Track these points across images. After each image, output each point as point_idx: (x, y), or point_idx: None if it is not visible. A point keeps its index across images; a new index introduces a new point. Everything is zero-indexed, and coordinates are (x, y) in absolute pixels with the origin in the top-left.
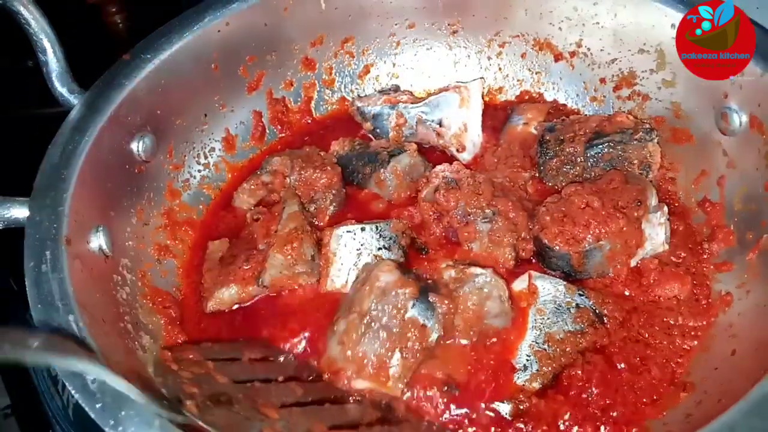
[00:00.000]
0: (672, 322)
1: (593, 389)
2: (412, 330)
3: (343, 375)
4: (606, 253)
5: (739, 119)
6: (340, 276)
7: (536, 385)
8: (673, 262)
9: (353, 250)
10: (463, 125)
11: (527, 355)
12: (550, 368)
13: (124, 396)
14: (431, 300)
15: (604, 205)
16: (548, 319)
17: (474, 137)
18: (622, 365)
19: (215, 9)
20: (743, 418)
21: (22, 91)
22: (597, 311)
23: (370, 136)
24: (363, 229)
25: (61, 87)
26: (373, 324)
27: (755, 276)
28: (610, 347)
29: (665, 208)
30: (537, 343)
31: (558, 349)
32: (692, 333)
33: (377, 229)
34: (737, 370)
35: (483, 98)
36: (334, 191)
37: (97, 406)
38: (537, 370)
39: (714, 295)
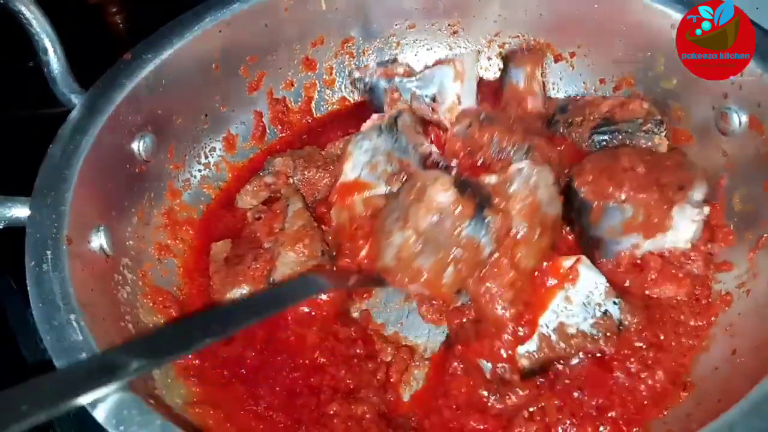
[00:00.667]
0: (677, 319)
1: (582, 390)
2: (467, 247)
3: (398, 280)
4: (626, 218)
5: (738, 119)
6: (354, 171)
7: (524, 363)
8: (678, 263)
9: (369, 149)
10: (456, 98)
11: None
12: (543, 354)
13: (125, 395)
14: (485, 217)
15: (647, 174)
16: (571, 310)
17: (469, 92)
18: (620, 374)
19: (216, 9)
20: (743, 417)
21: (23, 91)
22: (621, 324)
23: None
24: (379, 135)
25: (62, 87)
26: (428, 242)
27: (755, 276)
28: (615, 356)
29: (706, 210)
30: (546, 325)
31: (561, 342)
32: (692, 333)
33: (393, 135)
34: (737, 369)
35: (478, 70)
36: None
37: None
38: (533, 350)
39: (714, 294)
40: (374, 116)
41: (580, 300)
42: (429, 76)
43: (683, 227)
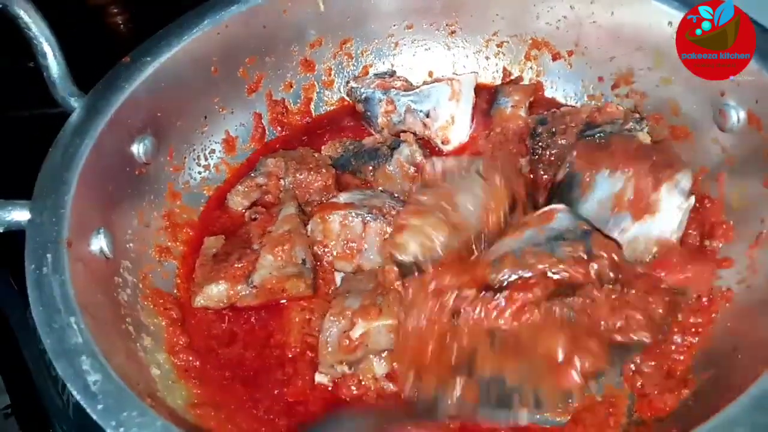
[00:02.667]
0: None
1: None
2: None
3: None
4: (616, 190)
5: (737, 116)
6: (347, 200)
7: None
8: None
9: (370, 196)
10: (450, 118)
11: (496, 255)
12: (504, 265)
13: (126, 397)
14: None
15: (638, 151)
16: (538, 239)
17: (460, 131)
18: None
19: (214, 11)
20: (745, 413)
21: (23, 92)
22: (590, 252)
23: (368, 128)
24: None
25: (62, 90)
26: None
27: (755, 272)
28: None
29: (692, 200)
30: (510, 246)
31: (524, 260)
32: (692, 329)
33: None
34: (738, 365)
35: (475, 93)
36: (327, 194)
37: (99, 407)
38: (494, 260)
39: (714, 291)
40: (377, 137)
41: (551, 234)
42: (425, 93)
43: (669, 214)
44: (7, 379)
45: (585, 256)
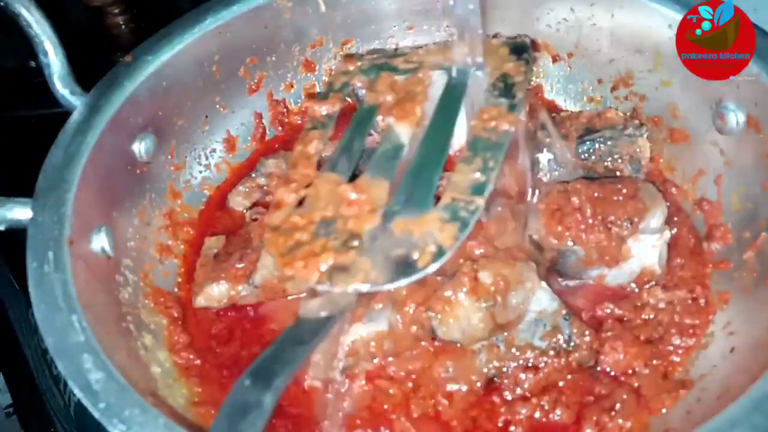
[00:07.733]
0: (671, 321)
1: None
2: None
3: None
4: (581, 257)
5: (736, 118)
6: None
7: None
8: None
9: None
10: None
11: (482, 343)
12: (492, 364)
13: (129, 395)
14: None
15: (594, 214)
16: (521, 325)
17: (459, 134)
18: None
19: (216, 11)
20: (744, 414)
21: (24, 91)
22: (571, 342)
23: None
24: None
25: (62, 89)
26: None
27: (753, 274)
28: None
29: (667, 234)
30: (495, 338)
31: (508, 352)
32: (690, 331)
33: None
34: (736, 367)
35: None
36: None
37: (101, 405)
38: (483, 359)
39: (712, 293)
40: (376, 136)
41: (531, 317)
42: None
43: (645, 254)
44: (8, 378)
45: (565, 346)
